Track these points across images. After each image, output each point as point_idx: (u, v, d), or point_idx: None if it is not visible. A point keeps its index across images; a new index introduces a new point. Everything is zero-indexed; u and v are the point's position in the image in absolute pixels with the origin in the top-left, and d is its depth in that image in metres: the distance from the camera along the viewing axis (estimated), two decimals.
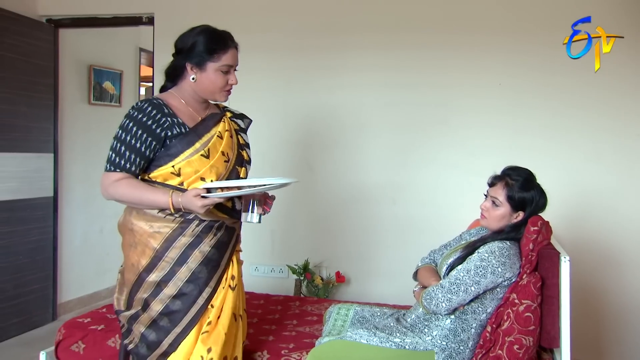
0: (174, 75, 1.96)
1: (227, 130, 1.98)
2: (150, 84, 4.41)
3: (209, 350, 1.84)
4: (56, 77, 3.98)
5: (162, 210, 1.85)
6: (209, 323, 1.88)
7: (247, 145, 2.10)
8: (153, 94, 2.14)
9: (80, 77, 4.30)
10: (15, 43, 3.62)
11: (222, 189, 1.83)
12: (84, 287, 4.31)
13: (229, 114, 2.07)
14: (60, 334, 2.30)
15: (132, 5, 3.78)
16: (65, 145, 4.12)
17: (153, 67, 3.92)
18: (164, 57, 2.06)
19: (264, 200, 2.00)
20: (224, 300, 1.92)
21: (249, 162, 2.06)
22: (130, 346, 1.91)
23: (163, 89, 2.00)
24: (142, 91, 5.25)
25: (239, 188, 1.83)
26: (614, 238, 3.07)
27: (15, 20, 3.62)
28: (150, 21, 3.77)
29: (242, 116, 2.14)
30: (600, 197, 3.09)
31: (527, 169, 2.05)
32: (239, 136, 2.06)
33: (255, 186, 1.82)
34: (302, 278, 3.39)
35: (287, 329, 2.45)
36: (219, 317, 1.90)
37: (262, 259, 3.60)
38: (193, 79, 1.91)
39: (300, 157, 3.54)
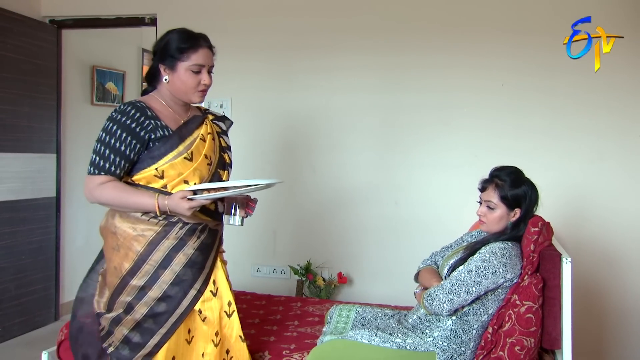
0: (152, 78, 1.97)
1: (209, 133, 1.99)
2: None
3: (173, 358, 1.87)
4: (59, 78, 3.99)
5: (145, 213, 1.85)
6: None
7: (228, 147, 2.11)
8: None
9: (83, 77, 4.31)
10: (18, 44, 3.63)
11: (208, 190, 1.83)
12: None
13: (210, 117, 2.07)
14: (62, 334, 2.30)
15: (135, 6, 3.78)
16: (68, 146, 4.13)
17: None
18: None
19: (245, 203, 2.01)
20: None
21: (230, 164, 2.08)
22: (110, 349, 1.87)
23: (144, 94, 2.01)
24: None
25: (225, 189, 1.83)
26: (615, 239, 3.07)
27: (18, 21, 3.63)
28: (152, 22, 3.77)
29: (223, 118, 2.14)
30: (602, 197, 3.08)
31: (513, 166, 2.06)
32: (220, 139, 2.07)
33: (241, 187, 1.83)
34: (304, 279, 3.39)
35: (289, 329, 2.45)
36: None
37: (264, 260, 3.60)
38: (166, 79, 1.92)
39: (303, 158, 3.54)
